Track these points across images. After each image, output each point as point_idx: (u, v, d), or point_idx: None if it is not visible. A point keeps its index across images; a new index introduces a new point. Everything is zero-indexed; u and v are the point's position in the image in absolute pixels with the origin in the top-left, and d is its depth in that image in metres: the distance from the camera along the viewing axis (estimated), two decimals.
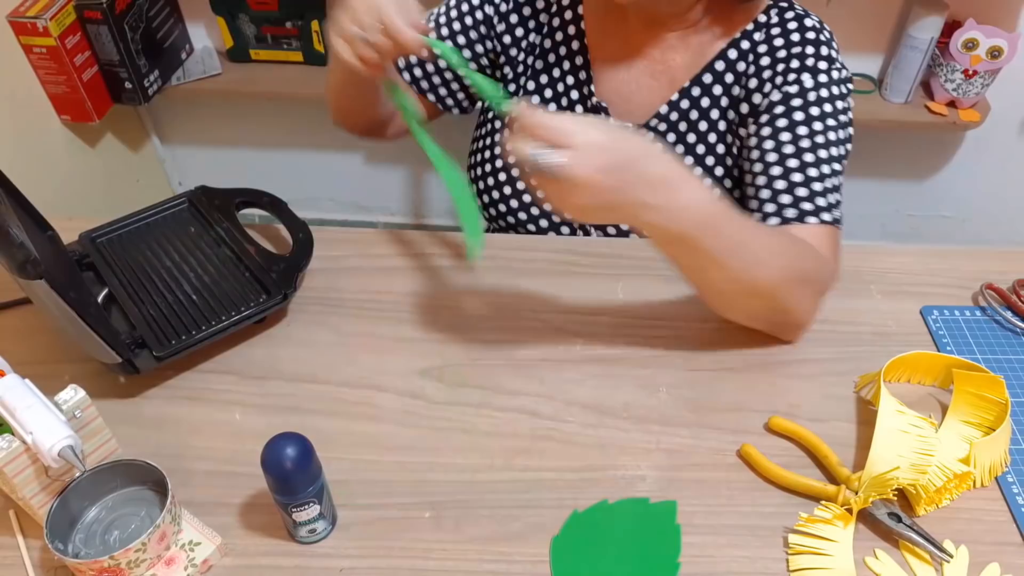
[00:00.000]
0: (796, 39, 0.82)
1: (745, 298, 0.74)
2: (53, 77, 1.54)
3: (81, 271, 0.84)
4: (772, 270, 0.70)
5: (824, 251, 0.77)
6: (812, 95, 0.81)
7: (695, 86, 0.86)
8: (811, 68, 0.81)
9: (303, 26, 1.68)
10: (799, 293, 0.74)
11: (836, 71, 0.82)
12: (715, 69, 0.85)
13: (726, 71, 0.85)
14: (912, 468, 0.65)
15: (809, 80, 0.81)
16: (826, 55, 0.81)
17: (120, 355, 0.70)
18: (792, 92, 0.81)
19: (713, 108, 0.86)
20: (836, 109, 0.81)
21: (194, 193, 0.92)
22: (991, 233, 1.98)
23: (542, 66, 0.93)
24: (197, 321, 0.78)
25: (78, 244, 0.86)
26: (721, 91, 0.86)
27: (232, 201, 0.91)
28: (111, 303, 0.81)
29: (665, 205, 0.63)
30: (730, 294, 0.74)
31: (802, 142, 0.80)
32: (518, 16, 0.92)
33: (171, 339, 0.76)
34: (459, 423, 0.74)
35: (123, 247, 0.87)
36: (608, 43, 0.89)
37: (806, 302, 0.75)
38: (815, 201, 0.79)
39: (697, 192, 0.65)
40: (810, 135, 0.80)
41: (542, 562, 0.64)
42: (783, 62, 0.82)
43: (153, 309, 0.79)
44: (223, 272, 0.83)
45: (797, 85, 0.81)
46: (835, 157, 0.80)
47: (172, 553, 0.62)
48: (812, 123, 0.80)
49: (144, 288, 0.82)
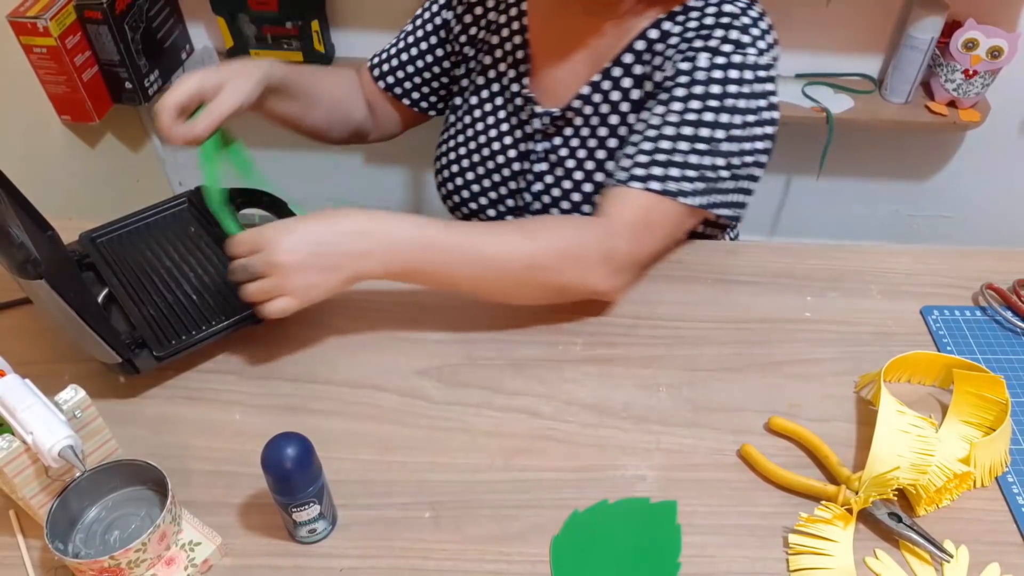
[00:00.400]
0: (710, 22, 0.80)
1: (506, 289, 0.77)
2: (53, 77, 1.54)
3: (81, 271, 0.84)
4: (515, 260, 0.74)
5: (641, 224, 0.77)
6: (701, 75, 0.78)
7: (616, 66, 0.86)
8: (712, 49, 0.78)
9: (303, 26, 1.68)
10: (568, 269, 0.75)
11: (740, 55, 0.78)
12: (635, 49, 0.84)
13: (645, 51, 0.84)
14: (912, 468, 0.65)
15: (704, 60, 0.78)
16: (734, 39, 0.78)
17: (120, 355, 0.70)
18: (683, 69, 0.79)
19: (633, 88, 0.85)
20: (727, 92, 0.78)
21: (194, 193, 0.92)
22: (991, 233, 1.98)
23: (489, 61, 0.95)
24: (197, 321, 0.78)
25: (78, 244, 0.86)
26: (640, 71, 0.85)
27: (232, 201, 0.91)
28: (111, 303, 0.81)
29: (373, 248, 0.71)
30: (489, 291, 0.78)
31: (669, 116, 0.78)
32: (471, 16, 0.96)
33: (171, 339, 0.76)
34: (459, 423, 0.74)
35: (123, 247, 0.87)
36: (548, 35, 0.90)
37: (585, 273, 0.76)
38: (650, 169, 0.77)
39: (399, 227, 0.72)
40: (682, 111, 0.78)
41: (542, 562, 0.64)
42: (687, 42, 0.80)
43: (153, 309, 0.79)
44: (223, 272, 0.83)
45: (688, 63, 0.79)
46: (703, 138, 0.77)
47: (172, 553, 0.62)
48: (689, 101, 0.78)
49: (144, 288, 0.82)
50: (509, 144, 0.94)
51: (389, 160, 2.00)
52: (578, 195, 0.91)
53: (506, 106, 0.94)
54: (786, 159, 1.86)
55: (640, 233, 0.77)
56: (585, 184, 0.90)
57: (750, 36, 0.79)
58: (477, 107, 0.97)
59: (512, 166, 0.95)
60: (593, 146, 0.89)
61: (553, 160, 0.91)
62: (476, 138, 0.97)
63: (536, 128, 0.92)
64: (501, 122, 0.95)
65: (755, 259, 0.90)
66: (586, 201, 0.91)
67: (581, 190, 0.90)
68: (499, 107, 0.95)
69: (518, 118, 0.93)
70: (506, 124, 0.95)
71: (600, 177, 0.89)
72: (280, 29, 1.69)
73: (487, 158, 0.96)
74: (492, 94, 0.96)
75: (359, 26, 1.73)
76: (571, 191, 0.91)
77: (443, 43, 0.98)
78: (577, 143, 0.90)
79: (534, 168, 0.93)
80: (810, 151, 1.77)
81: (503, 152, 0.95)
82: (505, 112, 0.94)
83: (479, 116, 0.97)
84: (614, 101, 0.87)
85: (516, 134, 0.94)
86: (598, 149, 0.89)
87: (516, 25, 0.92)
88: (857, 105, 1.66)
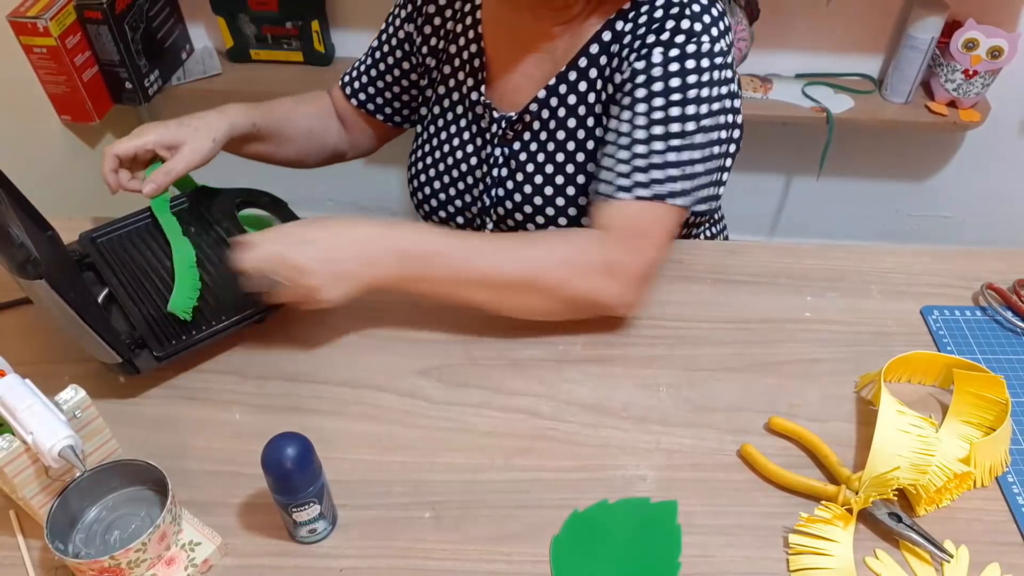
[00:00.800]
0: (659, 15, 0.79)
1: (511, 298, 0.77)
2: (53, 77, 1.54)
3: (81, 271, 0.84)
4: (512, 269, 0.75)
5: (634, 231, 0.77)
6: (657, 70, 0.78)
7: (571, 70, 0.86)
8: (665, 42, 0.77)
9: (303, 26, 1.68)
10: (571, 279, 0.76)
11: (694, 45, 0.77)
12: (589, 52, 0.84)
13: (600, 53, 0.84)
14: (912, 468, 0.65)
15: (658, 55, 0.78)
16: (686, 28, 0.77)
17: (120, 355, 0.71)
18: (639, 68, 0.79)
19: (590, 91, 0.85)
20: (687, 84, 0.77)
21: (194, 193, 0.92)
22: (991, 233, 1.98)
23: (449, 71, 0.96)
24: (198, 321, 0.78)
25: (78, 244, 0.87)
26: (596, 73, 0.84)
27: (232, 201, 0.91)
28: (111, 303, 0.81)
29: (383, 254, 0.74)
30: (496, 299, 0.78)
31: (637, 119, 0.78)
32: (430, 27, 0.96)
33: (171, 339, 0.76)
34: (459, 423, 0.74)
35: (123, 247, 0.87)
36: (501, 42, 0.90)
37: (589, 285, 0.76)
38: (633, 177, 0.77)
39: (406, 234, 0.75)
40: (647, 112, 0.77)
41: (542, 562, 0.64)
42: (640, 38, 0.79)
43: (153, 309, 0.79)
44: (224, 272, 0.83)
45: (644, 61, 0.78)
46: (675, 133, 0.77)
47: (172, 553, 0.62)
48: (652, 99, 0.77)
49: (144, 288, 0.82)
50: (471, 152, 0.95)
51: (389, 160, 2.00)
52: (539, 199, 0.90)
53: (466, 114, 0.95)
54: (786, 159, 1.86)
55: (637, 242, 0.77)
56: (546, 187, 0.90)
57: (702, 24, 0.78)
58: (440, 116, 0.98)
59: (475, 172, 0.95)
60: (551, 150, 0.89)
61: (513, 165, 0.91)
62: (441, 147, 0.98)
63: (495, 133, 0.92)
64: (463, 130, 0.95)
65: (755, 259, 0.90)
66: (548, 204, 0.90)
67: (543, 194, 0.90)
68: (460, 115, 0.95)
69: (478, 125, 0.94)
70: (467, 132, 0.95)
71: (560, 180, 0.89)
72: (280, 29, 1.69)
73: (451, 166, 0.97)
74: (453, 103, 0.96)
75: (359, 26, 1.73)
76: (532, 195, 0.91)
77: (407, 56, 0.99)
78: (536, 147, 0.90)
79: (494, 173, 0.93)
80: (810, 151, 1.77)
81: (465, 160, 0.95)
82: (466, 120, 0.95)
83: (442, 125, 0.97)
84: (571, 105, 0.87)
85: (477, 141, 0.94)
86: (557, 152, 0.89)
87: (471, 33, 0.92)
88: (857, 105, 1.65)
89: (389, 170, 2.02)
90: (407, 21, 0.97)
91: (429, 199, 1.01)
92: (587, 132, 0.87)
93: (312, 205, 2.01)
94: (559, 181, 0.89)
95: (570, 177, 0.88)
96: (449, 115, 0.97)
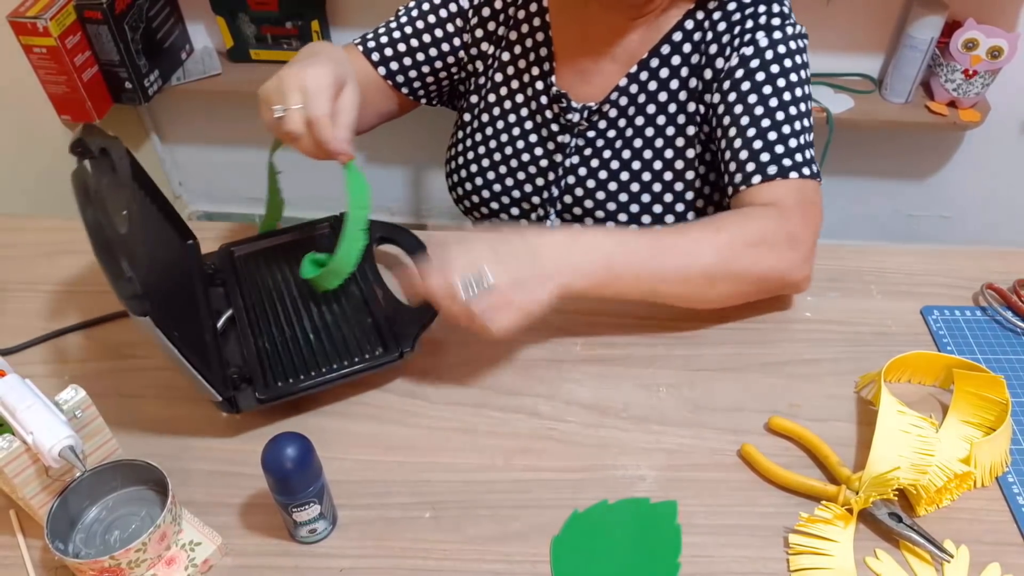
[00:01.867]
0: (748, 1, 0.83)
1: (703, 286, 0.76)
2: (53, 77, 1.54)
3: (212, 285, 0.82)
4: (709, 257, 0.74)
5: (804, 203, 0.79)
6: (769, 53, 0.82)
7: (653, 57, 0.87)
8: (765, 26, 0.82)
9: (303, 26, 1.68)
10: (763, 257, 0.76)
11: (790, 26, 0.83)
12: (673, 40, 0.86)
13: (683, 41, 0.86)
14: (913, 468, 0.65)
15: (764, 39, 0.82)
16: (778, 11, 0.83)
17: (221, 395, 0.68)
18: (749, 54, 0.82)
19: (672, 79, 0.87)
20: (796, 64, 0.82)
21: (338, 219, 0.88)
22: (991, 233, 1.98)
23: (508, 58, 0.94)
24: (308, 364, 0.74)
25: (215, 257, 0.85)
26: (680, 61, 0.87)
27: (373, 235, 0.85)
28: (231, 326, 0.79)
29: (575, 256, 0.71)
30: (688, 291, 0.76)
31: (770, 101, 0.81)
32: (490, 9, 0.93)
33: (277, 380, 0.73)
34: (459, 423, 0.74)
35: (257, 266, 0.85)
36: (571, 32, 0.90)
37: (778, 260, 0.77)
38: (794, 157, 0.80)
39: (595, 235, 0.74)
40: (776, 93, 0.81)
41: (542, 562, 0.64)
42: (738, 24, 0.83)
43: (268, 342, 0.77)
44: (346, 314, 0.79)
45: (753, 46, 0.82)
46: (803, 113, 0.82)
47: (172, 553, 0.62)
48: (776, 80, 0.82)
49: (266, 316, 0.79)
50: (535, 142, 0.94)
51: (389, 160, 2.00)
52: (615, 184, 0.91)
53: (528, 103, 0.94)
54: None
55: (808, 210, 0.79)
56: (622, 173, 0.91)
57: (786, 7, 0.84)
58: (496, 104, 0.96)
59: (539, 163, 0.94)
60: (630, 136, 0.90)
61: (588, 153, 0.92)
62: (497, 136, 0.96)
63: (569, 122, 0.92)
64: (524, 120, 0.94)
65: None
66: (622, 190, 0.91)
67: (618, 179, 0.91)
68: (521, 104, 0.94)
69: (542, 115, 0.93)
70: (530, 122, 0.94)
71: (637, 166, 0.90)
72: (280, 29, 1.69)
73: (510, 156, 0.95)
74: (512, 91, 0.94)
75: (359, 26, 1.73)
76: (607, 181, 0.91)
77: (459, 33, 0.94)
78: (614, 134, 0.91)
79: (566, 163, 0.93)
80: None
81: (528, 150, 0.94)
82: (528, 110, 0.94)
83: (498, 114, 0.96)
84: (651, 91, 0.88)
85: (542, 131, 0.93)
86: (635, 139, 0.90)
87: (537, 21, 0.91)
88: (857, 105, 1.65)
89: (389, 170, 2.02)
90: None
91: (480, 190, 0.98)
92: (668, 118, 0.89)
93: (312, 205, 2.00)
94: (636, 167, 0.90)
95: (647, 163, 0.90)
96: (507, 103, 0.95)
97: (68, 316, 0.84)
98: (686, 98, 0.88)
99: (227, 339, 0.78)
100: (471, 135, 0.98)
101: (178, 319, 0.67)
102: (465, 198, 1.00)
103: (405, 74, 0.96)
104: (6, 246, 0.93)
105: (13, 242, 0.94)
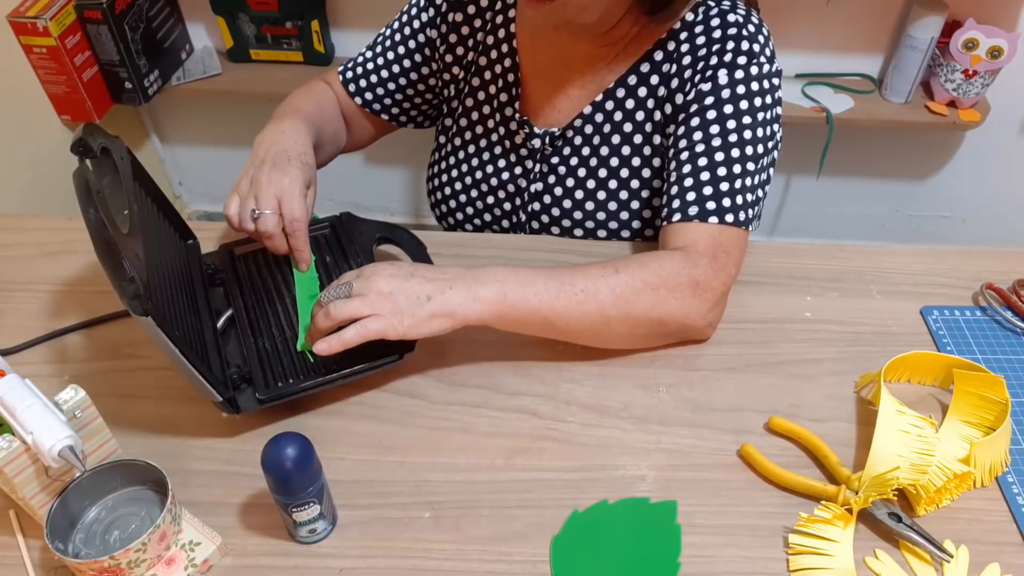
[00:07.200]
0: (717, 35, 0.80)
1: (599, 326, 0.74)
2: (53, 77, 1.54)
3: (213, 285, 0.82)
4: (604, 296, 0.72)
5: (717, 251, 0.77)
6: (726, 92, 0.79)
7: (619, 87, 0.86)
8: (728, 64, 0.79)
9: (303, 26, 1.68)
10: (662, 301, 0.74)
11: (756, 66, 0.79)
12: (640, 71, 0.85)
13: (651, 72, 0.85)
14: (912, 468, 0.65)
15: (724, 77, 0.79)
16: (746, 50, 0.79)
17: (221, 395, 0.68)
18: (705, 90, 0.80)
19: (638, 110, 0.86)
20: (755, 106, 0.79)
21: (339, 219, 0.88)
22: (991, 233, 1.98)
23: (478, 83, 0.94)
24: (308, 364, 0.74)
25: (216, 256, 0.85)
26: (646, 93, 0.85)
27: (373, 236, 0.86)
28: (231, 327, 0.79)
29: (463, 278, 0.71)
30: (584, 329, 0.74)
31: (713, 141, 0.79)
32: (457, 36, 0.94)
33: (277, 380, 0.73)
34: (459, 423, 0.74)
35: (258, 266, 0.85)
36: (539, 58, 0.90)
37: (678, 305, 0.75)
38: (720, 201, 0.78)
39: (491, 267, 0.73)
40: (722, 133, 0.79)
41: (542, 562, 0.64)
42: (702, 60, 0.81)
43: (269, 342, 0.77)
44: None
45: (711, 83, 0.80)
46: (750, 156, 0.79)
47: (172, 553, 0.62)
48: (726, 121, 0.79)
49: (267, 316, 0.79)
50: (503, 167, 0.94)
51: (389, 160, 2.00)
52: (579, 213, 0.91)
53: (497, 128, 0.94)
54: (786, 159, 1.86)
55: (720, 259, 0.77)
56: (587, 202, 0.90)
57: (759, 44, 0.80)
58: (467, 129, 0.97)
59: (506, 187, 0.95)
60: (594, 165, 0.89)
61: (551, 180, 0.91)
62: (468, 160, 0.97)
63: (533, 148, 0.91)
64: (493, 144, 0.95)
65: (755, 259, 0.90)
66: (588, 218, 0.91)
67: (583, 208, 0.91)
68: (491, 129, 0.95)
69: (511, 140, 0.93)
70: (499, 147, 0.94)
71: (602, 195, 0.90)
72: (280, 29, 1.69)
73: (480, 180, 0.96)
74: (483, 116, 0.95)
75: (359, 26, 1.73)
76: (572, 209, 0.91)
77: (427, 61, 0.96)
78: (576, 161, 0.90)
79: (530, 188, 0.93)
80: (810, 151, 1.77)
81: (496, 175, 0.95)
82: (497, 135, 0.94)
83: (469, 138, 0.96)
84: (616, 121, 0.87)
85: (510, 156, 0.94)
86: (599, 168, 0.89)
87: (505, 47, 0.91)
88: (857, 105, 1.66)
89: (389, 170, 2.02)
90: (428, 26, 0.95)
91: (455, 212, 0.99)
92: (632, 148, 0.87)
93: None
94: (601, 196, 0.90)
95: (612, 192, 0.89)
96: (478, 128, 0.96)
97: (68, 316, 0.84)
98: (651, 130, 0.86)
99: (227, 339, 0.78)
100: (446, 157, 0.99)
101: (179, 319, 0.67)
102: (444, 218, 1.02)
103: (381, 101, 1.00)
104: (6, 246, 0.93)
105: (13, 242, 0.94)
